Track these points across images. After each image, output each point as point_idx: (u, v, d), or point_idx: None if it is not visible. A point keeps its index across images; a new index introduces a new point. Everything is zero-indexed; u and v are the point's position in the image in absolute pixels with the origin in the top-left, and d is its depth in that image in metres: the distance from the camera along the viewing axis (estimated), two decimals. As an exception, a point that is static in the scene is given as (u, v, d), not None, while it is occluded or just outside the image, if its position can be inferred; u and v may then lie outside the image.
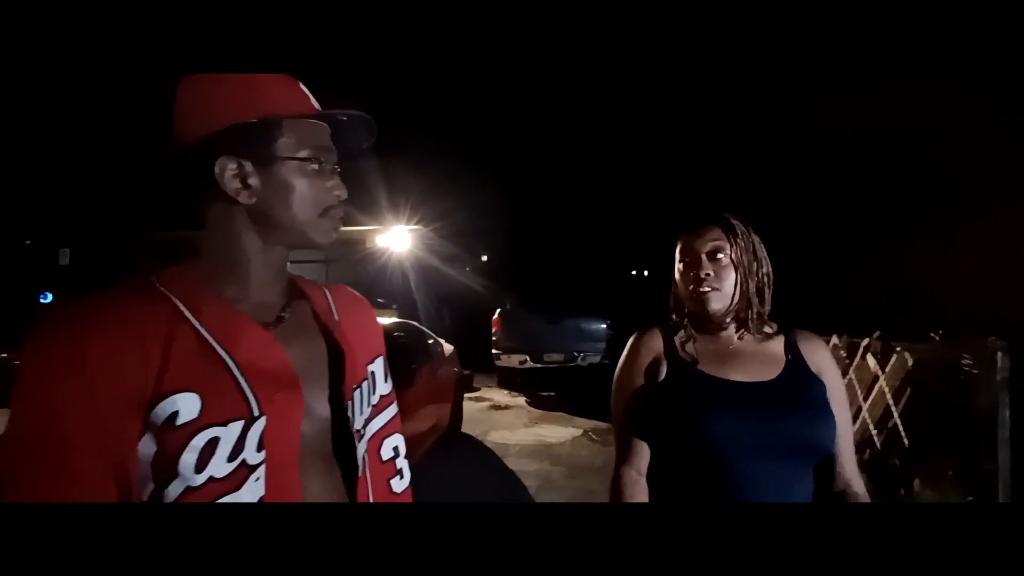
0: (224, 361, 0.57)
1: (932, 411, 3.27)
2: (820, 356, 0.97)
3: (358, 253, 10.35)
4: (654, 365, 0.98)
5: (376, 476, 0.70)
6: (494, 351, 7.58)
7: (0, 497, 0.51)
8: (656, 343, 1.00)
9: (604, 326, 7.67)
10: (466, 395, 5.76)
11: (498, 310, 7.84)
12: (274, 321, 0.63)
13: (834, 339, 4.44)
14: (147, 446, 0.53)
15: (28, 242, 10.92)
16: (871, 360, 3.96)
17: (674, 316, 1.03)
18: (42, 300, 10.51)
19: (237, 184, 0.60)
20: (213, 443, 0.54)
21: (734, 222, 0.98)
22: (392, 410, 0.76)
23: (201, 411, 0.54)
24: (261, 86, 0.61)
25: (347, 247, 10.43)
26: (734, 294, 0.96)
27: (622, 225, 16.60)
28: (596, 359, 7.46)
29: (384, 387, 0.75)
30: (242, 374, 0.57)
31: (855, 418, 4.17)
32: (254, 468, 0.56)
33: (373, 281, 10.26)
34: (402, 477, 0.74)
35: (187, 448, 0.53)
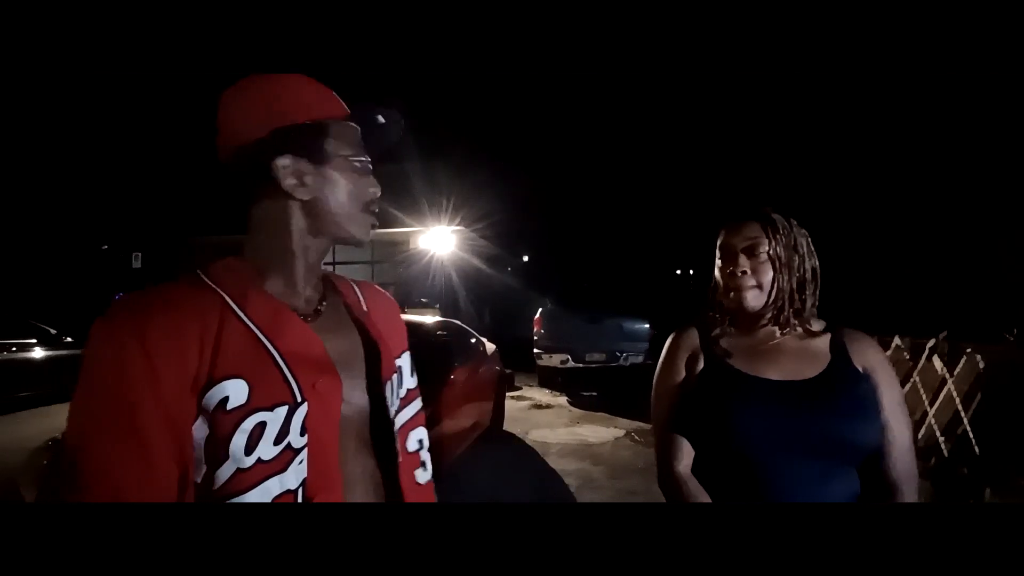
0: (268, 350, 0.60)
1: (1005, 416, 3.03)
2: (868, 354, 0.93)
3: (402, 254, 10.62)
4: (692, 363, 0.98)
5: (404, 467, 0.71)
6: (535, 350, 7.59)
7: (71, 470, 0.53)
8: (693, 340, 1.00)
9: (646, 326, 7.54)
10: (508, 394, 5.80)
11: (539, 310, 7.84)
12: (312, 314, 0.67)
13: (896, 340, 4.19)
14: (200, 429, 0.56)
15: (105, 247, 11.82)
16: (938, 362, 3.71)
17: (712, 312, 1.02)
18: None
19: (294, 181, 0.64)
20: (261, 427, 0.57)
21: (774, 217, 0.96)
22: (417, 404, 0.77)
23: (249, 396, 0.57)
24: (304, 91, 0.66)
25: (391, 248, 10.71)
26: (771, 291, 0.94)
27: (666, 223, 16.22)
28: (639, 359, 7.34)
29: (410, 381, 0.77)
30: (285, 362, 0.60)
31: (920, 423, 3.92)
32: (298, 451, 0.58)
33: (416, 281, 10.49)
34: (425, 469, 0.75)
35: (237, 431, 0.56)
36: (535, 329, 7.67)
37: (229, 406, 0.56)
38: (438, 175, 10.04)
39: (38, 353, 6.24)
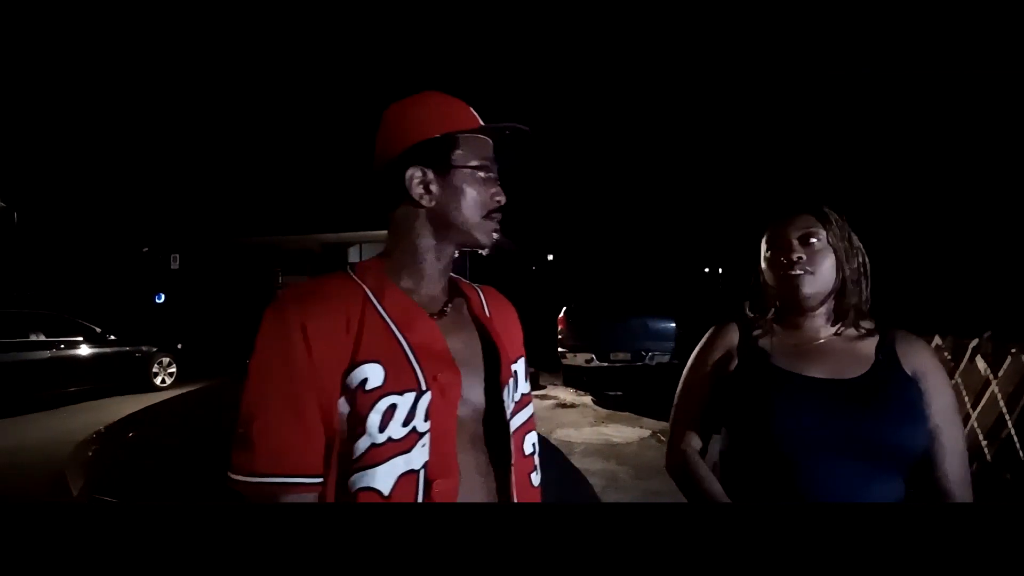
0: (399, 341, 0.67)
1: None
2: (919, 358, 0.90)
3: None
4: (726, 359, 0.96)
5: (519, 469, 0.75)
6: (560, 349, 7.57)
7: (244, 432, 0.63)
8: (731, 337, 0.98)
9: (672, 325, 7.44)
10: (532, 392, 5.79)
11: (564, 308, 7.82)
12: (438, 313, 0.73)
13: (937, 339, 4.03)
14: (343, 405, 0.65)
15: (145, 249, 12.31)
16: (981, 363, 3.56)
17: (755, 309, 0.99)
18: (156, 300, 11.82)
19: (421, 190, 0.71)
20: (392, 408, 0.64)
21: (827, 210, 0.94)
22: (530, 409, 0.81)
23: (384, 380, 0.65)
24: (444, 108, 0.73)
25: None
26: (830, 280, 0.91)
27: (694, 221, 15.95)
28: (664, 359, 7.25)
29: (524, 386, 0.81)
30: (413, 353, 0.67)
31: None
32: (422, 435, 0.65)
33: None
34: (537, 472, 0.79)
35: (373, 410, 0.63)
36: (559, 328, 7.65)
37: (368, 387, 0.64)
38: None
39: (84, 350, 6.54)
